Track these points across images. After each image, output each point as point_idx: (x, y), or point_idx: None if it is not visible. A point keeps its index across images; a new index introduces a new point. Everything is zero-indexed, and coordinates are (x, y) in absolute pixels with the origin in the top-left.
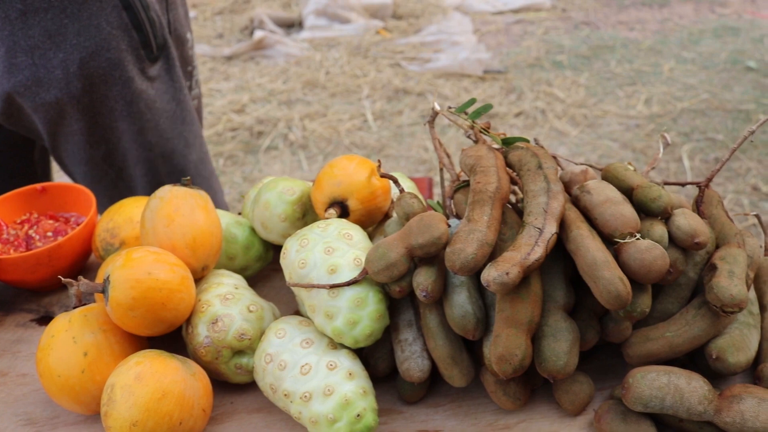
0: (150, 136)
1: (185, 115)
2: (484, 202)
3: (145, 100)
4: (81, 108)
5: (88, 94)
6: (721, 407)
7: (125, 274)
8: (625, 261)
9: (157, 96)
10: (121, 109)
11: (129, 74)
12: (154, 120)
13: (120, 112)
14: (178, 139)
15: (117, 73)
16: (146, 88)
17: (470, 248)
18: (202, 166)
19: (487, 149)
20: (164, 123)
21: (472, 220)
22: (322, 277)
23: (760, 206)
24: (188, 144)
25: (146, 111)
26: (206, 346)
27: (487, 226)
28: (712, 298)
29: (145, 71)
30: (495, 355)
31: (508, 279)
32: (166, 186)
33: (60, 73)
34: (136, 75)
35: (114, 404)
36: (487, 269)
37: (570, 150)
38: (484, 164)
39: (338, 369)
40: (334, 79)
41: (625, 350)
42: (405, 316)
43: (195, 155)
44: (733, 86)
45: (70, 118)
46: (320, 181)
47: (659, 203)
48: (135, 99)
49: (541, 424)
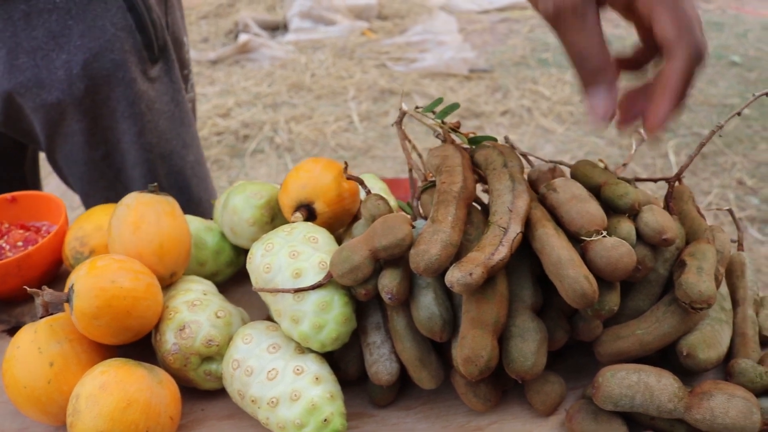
0: (150, 136)
1: (183, 117)
2: (448, 203)
3: (146, 100)
4: (82, 109)
5: (91, 95)
6: (691, 404)
7: (89, 283)
8: (591, 259)
9: (157, 97)
10: (122, 110)
11: (132, 75)
12: (154, 121)
13: (122, 113)
14: (177, 140)
15: (120, 74)
16: (147, 89)
17: (434, 249)
18: (198, 168)
19: (454, 149)
20: (164, 124)
21: (436, 220)
22: (287, 282)
23: (745, 200)
24: (186, 145)
25: (147, 112)
26: (174, 353)
27: (451, 227)
28: (680, 295)
29: (146, 72)
30: (461, 357)
31: (472, 279)
32: (132, 193)
33: (62, 74)
34: (138, 76)
35: (79, 415)
36: (451, 270)
37: (556, 147)
38: (450, 164)
39: (305, 374)
40: (319, 81)
41: (596, 349)
42: (373, 318)
43: (192, 156)
44: (717, 81)
45: (70, 119)
46: (287, 184)
47: (626, 200)
48: (137, 100)
49: (513, 424)
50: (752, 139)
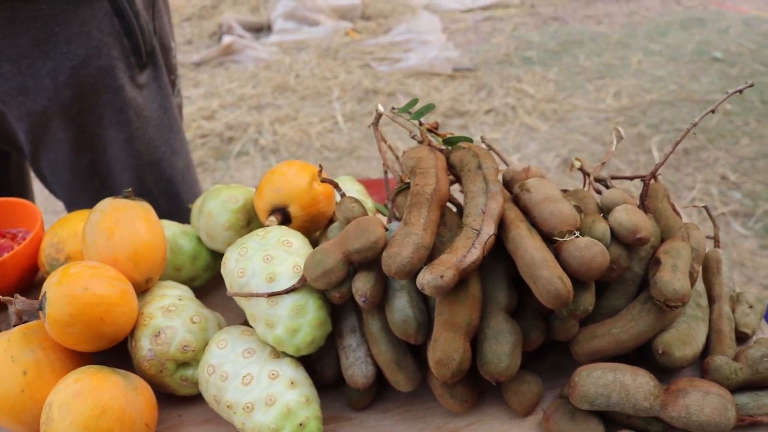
0: (138, 144)
1: (172, 123)
2: (421, 205)
3: (134, 107)
4: (69, 116)
5: (77, 102)
6: (666, 402)
7: (61, 290)
8: (565, 259)
9: (145, 104)
10: (110, 117)
11: (120, 82)
12: (143, 128)
13: (109, 120)
14: (166, 147)
15: (108, 80)
16: (136, 96)
17: (406, 252)
18: (188, 174)
19: (429, 150)
20: (152, 131)
21: (408, 223)
22: (261, 286)
23: (728, 195)
24: (175, 152)
25: (135, 119)
26: (150, 359)
27: (423, 229)
28: (655, 293)
29: (134, 79)
30: (433, 360)
31: (443, 282)
32: (107, 199)
33: (49, 82)
34: (126, 83)
35: (52, 423)
36: (422, 272)
37: (540, 145)
38: (424, 166)
39: (280, 378)
40: (303, 82)
41: (572, 348)
42: (348, 321)
43: (182, 163)
44: (700, 77)
45: (56, 127)
46: (261, 188)
47: None
48: (125, 107)
49: (490, 425)
50: (734, 135)
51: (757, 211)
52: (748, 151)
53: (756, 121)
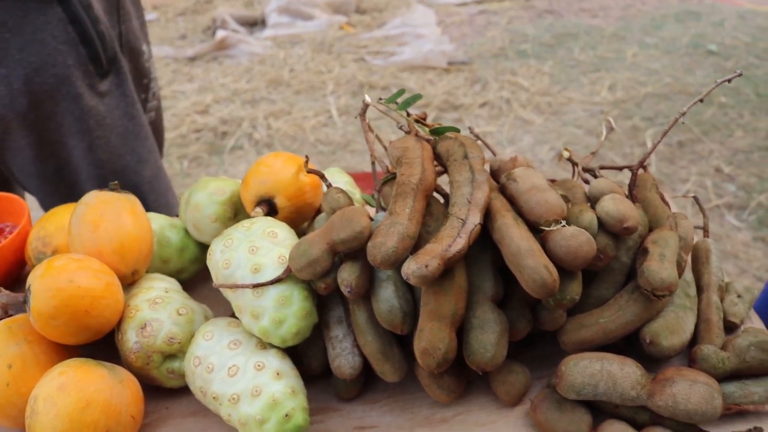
0: (100, 153)
1: (138, 131)
2: (406, 195)
3: (95, 116)
4: (27, 124)
5: (34, 110)
6: (653, 391)
7: (46, 283)
8: (551, 248)
9: (107, 112)
10: (69, 125)
11: (77, 90)
12: (105, 137)
13: (68, 128)
14: (131, 156)
15: (64, 89)
16: (96, 104)
17: (391, 242)
18: (156, 182)
19: (415, 140)
20: (115, 139)
21: (393, 212)
22: (247, 277)
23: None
24: (141, 160)
25: (96, 128)
26: (136, 352)
27: (408, 219)
28: (643, 283)
29: (94, 87)
30: (419, 350)
31: (428, 271)
32: (92, 192)
33: (3, 89)
34: (84, 91)
35: (37, 416)
36: (407, 262)
37: (535, 138)
38: (410, 156)
39: (266, 369)
40: (298, 76)
41: (560, 338)
42: (335, 312)
43: (149, 171)
44: (695, 70)
45: (16, 134)
46: (247, 179)
47: None
48: (84, 115)
49: (478, 415)
50: (729, 127)
51: (751, 204)
52: (743, 144)
53: (750, 114)
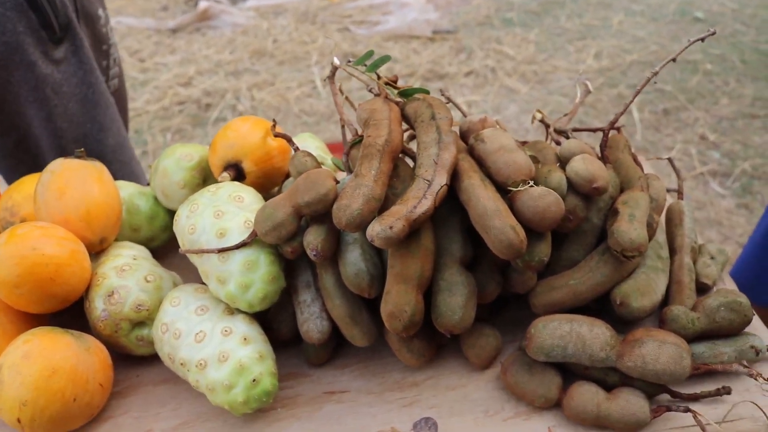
0: (59, 121)
1: (98, 98)
2: (372, 156)
3: (51, 84)
4: None
5: None
6: (623, 352)
7: (9, 251)
8: (518, 209)
9: (64, 80)
10: (26, 94)
11: (30, 58)
12: (63, 104)
13: (25, 97)
14: (92, 124)
15: (17, 57)
16: (51, 72)
17: (356, 204)
18: (120, 151)
19: (383, 102)
20: (74, 107)
21: (359, 174)
22: (212, 242)
23: (707, 155)
24: (103, 128)
25: (53, 96)
26: (104, 320)
27: (374, 181)
28: (612, 243)
29: (48, 54)
30: (385, 312)
31: (392, 233)
32: (58, 159)
33: None
34: (38, 58)
35: (2, 385)
36: (372, 224)
37: (521, 107)
38: (377, 117)
39: (233, 335)
40: (282, 47)
41: (530, 300)
42: (303, 277)
43: (112, 140)
44: (681, 37)
45: None
46: (215, 144)
47: None
48: (40, 84)
49: (449, 379)
50: (714, 95)
51: (735, 171)
52: (727, 111)
53: (736, 81)
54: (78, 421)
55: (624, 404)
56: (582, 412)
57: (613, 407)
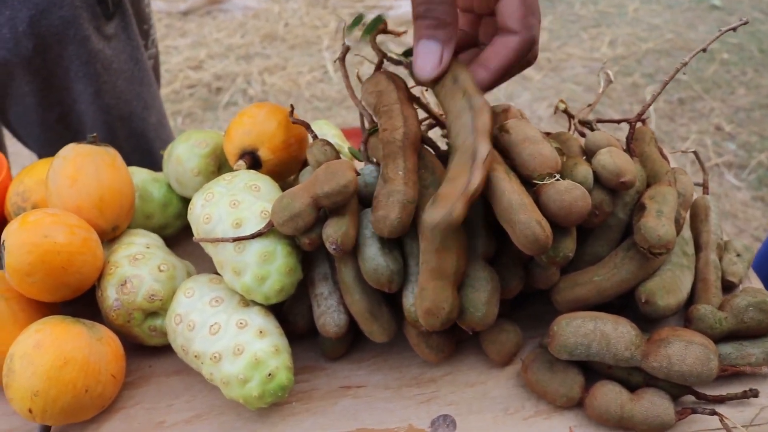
0: (107, 98)
1: (143, 76)
2: (395, 155)
3: (101, 60)
4: (32, 69)
5: (40, 54)
6: (648, 352)
7: (20, 238)
8: (544, 203)
9: (114, 55)
10: (76, 69)
11: (85, 32)
12: (112, 81)
13: (75, 72)
14: (137, 101)
15: (72, 31)
16: (103, 48)
17: (393, 213)
18: (161, 129)
19: (386, 80)
20: (122, 84)
21: (388, 179)
22: (228, 232)
23: (723, 146)
24: (147, 106)
25: (103, 72)
26: (116, 309)
27: (404, 183)
28: (639, 240)
29: (101, 29)
30: (422, 310)
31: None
32: (70, 144)
33: (7, 32)
34: (92, 33)
35: (14, 375)
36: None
37: (533, 95)
38: (386, 101)
39: (248, 327)
40: (293, 31)
41: (553, 296)
42: (320, 269)
43: (154, 117)
44: (697, 25)
45: (20, 80)
46: (230, 131)
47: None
48: (91, 59)
49: (468, 375)
50: (731, 84)
51: (751, 163)
52: (744, 102)
53: (753, 71)
54: (89, 412)
55: (648, 405)
56: (605, 413)
57: (637, 408)
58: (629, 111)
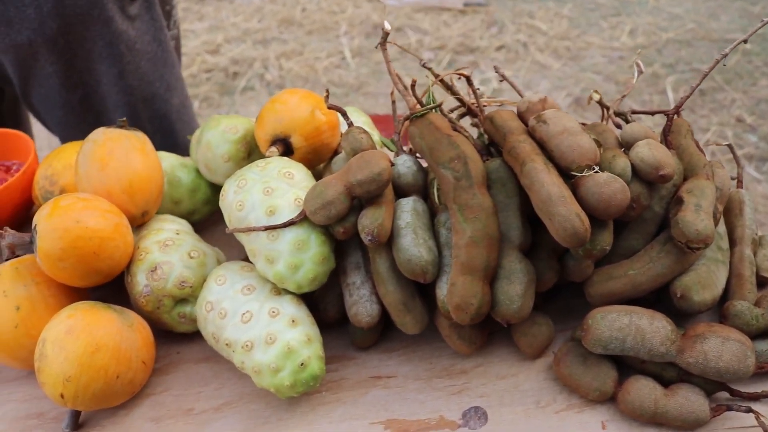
0: (130, 79)
1: (166, 57)
2: None
3: (125, 41)
4: (56, 50)
5: (64, 35)
6: (683, 347)
7: (52, 224)
8: (582, 196)
9: (137, 36)
10: (100, 50)
11: (109, 13)
12: (135, 62)
13: (99, 53)
14: (160, 83)
15: (96, 11)
16: (127, 28)
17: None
18: (183, 111)
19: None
20: (145, 65)
21: None
22: (261, 220)
23: (744, 138)
24: (170, 87)
25: (127, 52)
26: (146, 296)
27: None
28: (677, 234)
29: (125, 10)
30: (452, 305)
31: None
32: (99, 128)
33: (32, 12)
34: (116, 14)
35: (46, 360)
36: None
37: (552, 84)
38: None
39: (281, 316)
40: (310, 16)
41: (586, 289)
42: (353, 258)
43: (177, 99)
44: (720, 15)
45: (44, 61)
46: (262, 117)
47: None
48: (115, 40)
49: (499, 368)
50: (753, 75)
51: None
52: (766, 93)
53: None
54: (120, 398)
55: (683, 401)
56: (639, 408)
57: (671, 404)
58: (649, 101)
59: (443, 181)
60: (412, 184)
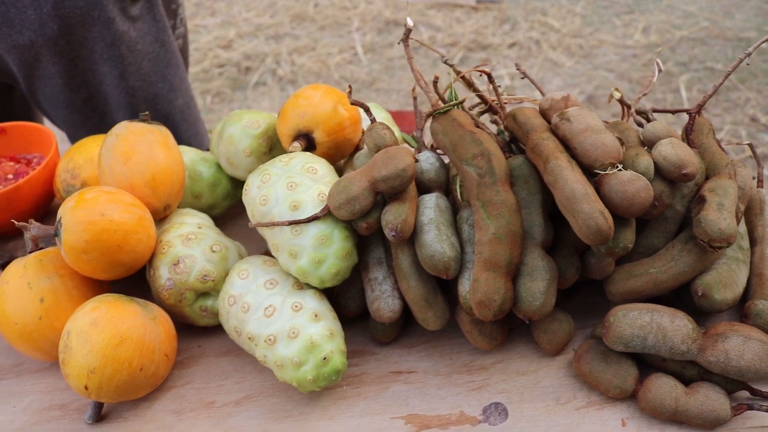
0: (132, 80)
1: (170, 58)
2: None
3: (126, 42)
4: (57, 51)
5: (65, 35)
6: (705, 346)
7: (77, 216)
8: (606, 193)
9: (139, 37)
10: (101, 51)
11: (109, 14)
12: (137, 63)
13: (100, 54)
14: (162, 83)
15: (96, 13)
16: (128, 29)
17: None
18: (188, 111)
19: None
20: (147, 66)
21: None
22: (285, 214)
23: (758, 137)
24: (173, 88)
25: (128, 54)
26: (168, 289)
27: None
28: (699, 233)
29: (126, 11)
30: (474, 301)
31: None
32: (122, 122)
33: (32, 13)
34: (116, 15)
35: (70, 351)
36: None
37: (565, 81)
38: None
39: (303, 310)
40: (323, 11)
41: (607, 287)
42: (375, 253)
43: (180, 100)
44: (734, 13)
45: (46, 61)
46: (285, 112)
47: None
48: (116, 41)
49: (519, 364)
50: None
51: None
52: None
53: None
54: (143, 391)
55: (704, 400)
56: (659, 406)
57: (691, 402)
58: (662, 100)
59: (466, 177)
60: (434, 180)
